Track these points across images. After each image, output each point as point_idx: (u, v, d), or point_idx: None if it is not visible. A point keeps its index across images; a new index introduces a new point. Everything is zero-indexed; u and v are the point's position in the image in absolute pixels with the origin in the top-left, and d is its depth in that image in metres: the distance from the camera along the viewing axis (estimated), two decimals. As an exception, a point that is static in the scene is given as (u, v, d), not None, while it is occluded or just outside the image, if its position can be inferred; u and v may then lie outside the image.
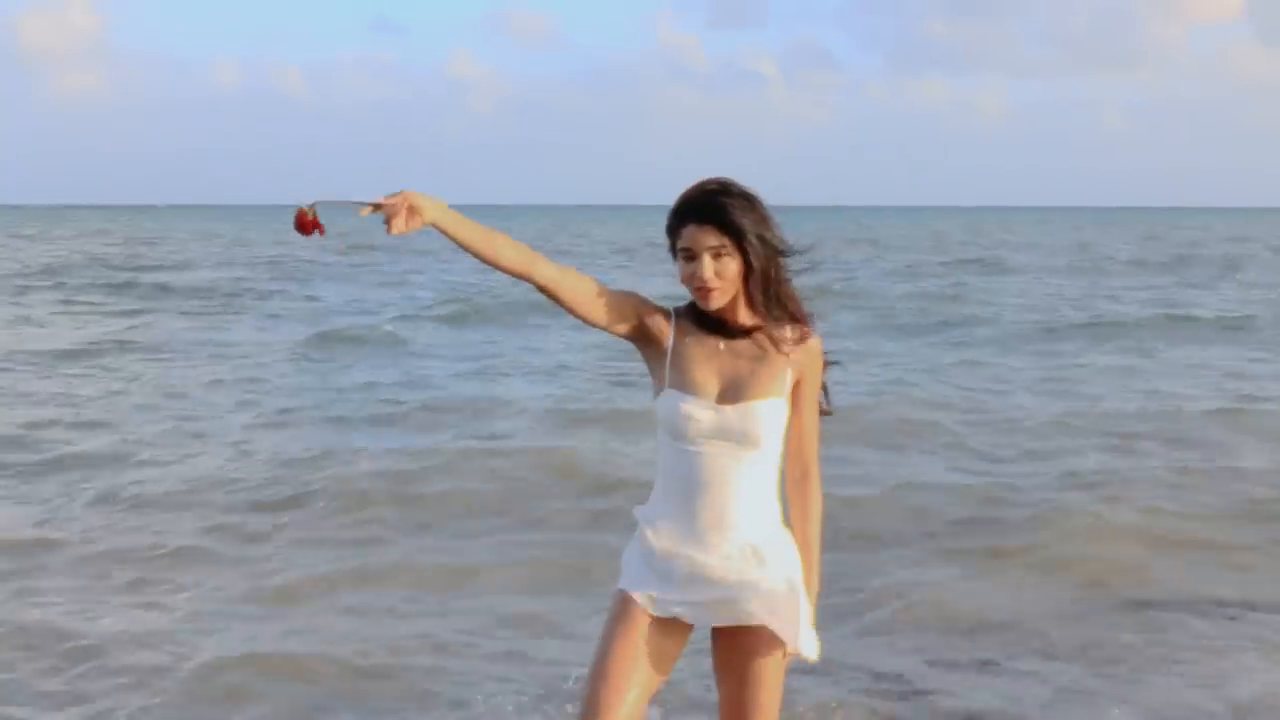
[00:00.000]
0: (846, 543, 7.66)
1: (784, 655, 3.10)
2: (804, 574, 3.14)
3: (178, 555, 7.59)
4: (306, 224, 2.90)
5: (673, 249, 3.04)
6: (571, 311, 3.03)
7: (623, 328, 3.07)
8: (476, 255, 2.93)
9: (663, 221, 3.08)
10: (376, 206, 2.82)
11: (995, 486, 9.19)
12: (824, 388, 3.17)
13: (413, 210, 2.82)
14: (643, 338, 3.09)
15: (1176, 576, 7.11)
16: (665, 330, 3.08)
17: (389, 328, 20.79)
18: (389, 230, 2.82)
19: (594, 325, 3.05)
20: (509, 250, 2.94)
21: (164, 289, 29.52)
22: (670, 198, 3.08)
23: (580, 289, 3.01)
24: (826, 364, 3.15)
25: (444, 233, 2.88)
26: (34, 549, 7.66)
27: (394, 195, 2.82)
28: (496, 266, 2.95)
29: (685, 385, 3.02)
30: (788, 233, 3.10)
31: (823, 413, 3.19)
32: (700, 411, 2.99)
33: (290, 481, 9.31)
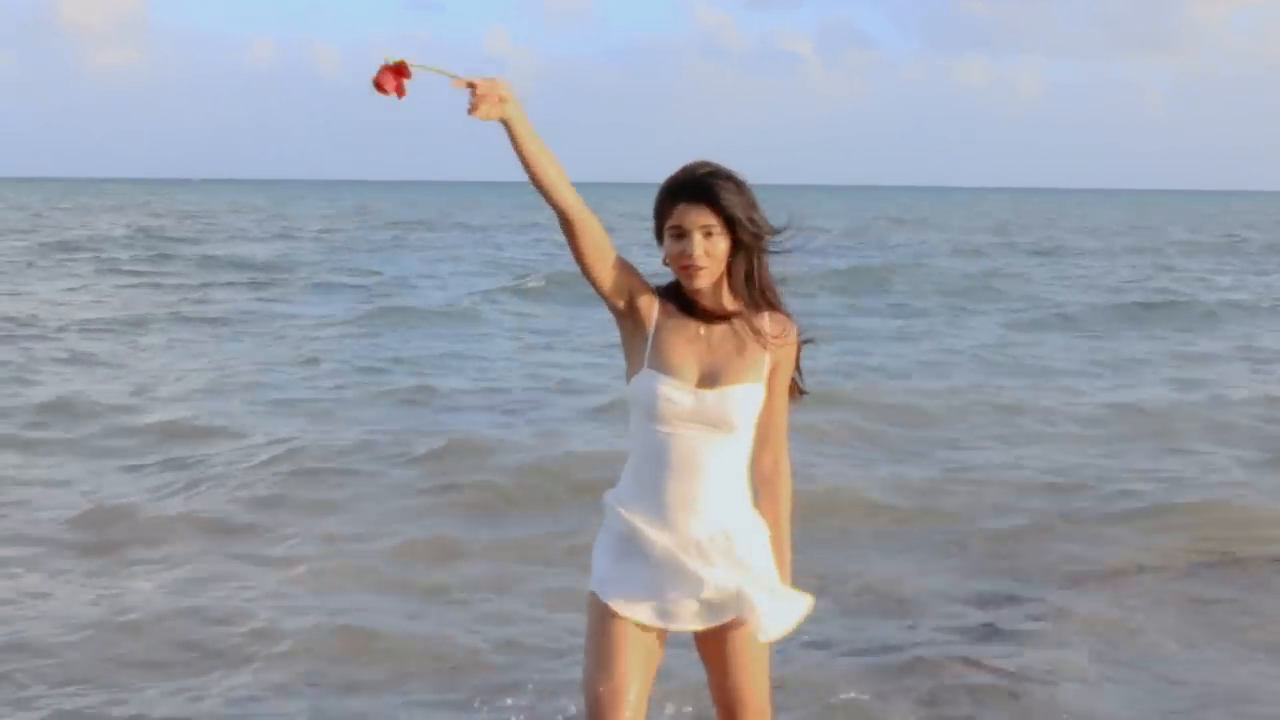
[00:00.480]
0: (911, 523, 7.61)
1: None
2: (776, 557, 3.16)
3: (263, 527, 7.48)
4: (387, 80, 2.78)
5: (658, 229, 3.07)
6: (580, 256, 3.00)
7: (619, 298, 3.06)
8: (527, 164, 2.92)
9: None
10: (471, 85, 2.81)
11: (1081, 471, 8.93)
12: (798, 369, 3.19)
13: (500, 100, 2.82)
14: (631, 313, 3.08)
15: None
16: (650, 309, 3.08)
17: (467, 302, 20.66)
18: (471, 111, 2.82)
19: (594, 281, 3.03)
20: (556, 173, 2.94)
21: (218, 261, 29.50)
22: None
23: (599, 238, 3.00)
24: (803, 342, 3.17)
25: (511, 132, 2.88)
26: (118, 521, 7.53)
27: (489, 78, 2.82)
28: (538, 180, 2.93)
29: (664, 367, 3.02)
30: (810, 213, 3.17)
31: (801, 392, 3.21)
32: (678, 394, 3.00)
33: (373, 454, 9.13)
